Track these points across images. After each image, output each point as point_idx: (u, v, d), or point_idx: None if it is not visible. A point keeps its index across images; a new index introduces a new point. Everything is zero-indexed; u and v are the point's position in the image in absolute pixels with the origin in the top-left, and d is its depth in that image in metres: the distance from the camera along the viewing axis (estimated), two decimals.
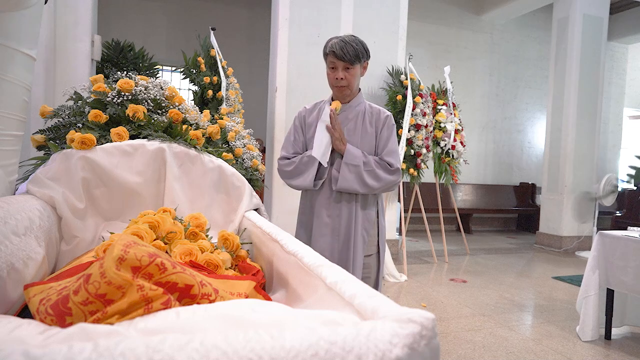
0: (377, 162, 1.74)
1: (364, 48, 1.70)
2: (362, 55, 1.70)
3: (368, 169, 1.71)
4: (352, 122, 1.78)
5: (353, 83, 1.73)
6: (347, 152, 1.71)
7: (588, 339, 2.67)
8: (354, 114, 1.78)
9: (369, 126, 1.78)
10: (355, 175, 1.69)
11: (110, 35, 3.71)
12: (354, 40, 1.69)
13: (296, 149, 1.83)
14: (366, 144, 1.77)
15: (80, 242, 1.48)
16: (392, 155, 1.76)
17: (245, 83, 5.39)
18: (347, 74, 1.70)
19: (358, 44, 1.68)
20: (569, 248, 5.89)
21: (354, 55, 1.66)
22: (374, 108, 1.81)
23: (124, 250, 0.74)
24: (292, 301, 1.01)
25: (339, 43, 1.67)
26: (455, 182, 4.97)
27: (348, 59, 1.66)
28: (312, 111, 1.85)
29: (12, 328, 0.63)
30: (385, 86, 4.39)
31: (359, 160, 1.70)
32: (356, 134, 1.77)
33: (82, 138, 1.54)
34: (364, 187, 1.70)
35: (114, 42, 3.38)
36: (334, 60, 1.69)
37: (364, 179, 1.69)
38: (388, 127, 1.78)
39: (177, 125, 1.80)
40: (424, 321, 0.52)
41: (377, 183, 1.71)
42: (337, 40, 1.69)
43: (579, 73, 5.86)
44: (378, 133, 1.78)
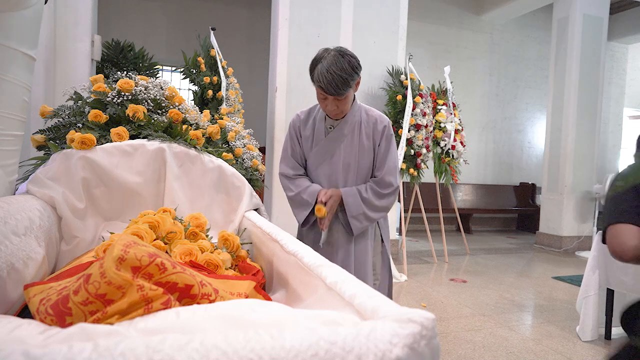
0: (375, 193, 1.70)
1: (353, 69, 1.53)
2: (353, 78, 1.54)
3: (371, 208, 1.69)
4: (348, 138, 1.70)
5: (347, 108, 1.64)
6: (347, 204, 1.67)
7: (588, 339, 2.67)
8: (350, 128, 1.69)
9: (366, 140, 1.70)
10: (364, 220, 1.69)
11: (110, 35, 3.71)
12: (342, 67, 1.50)
13: (295, 163, 1.79)
14: (364, 158, 1.71)
15: (80, 242, 1.48)
16: (391, 173, 1.71)
17: (245, 83, 5.39)
18: (339, 104, 1.59)
19: (346, 69, 1.51)
20: (569, 248, 5.89)
21: (344, 87, 1.52)
22: (371, 116, 1.72)
23: (124, 250, 0.74)
24: (292, 301, 1.01)
25: (327, 76, 1.50)
26: (455, 182, 4.97)
27: (337, 93, 1.53)
28: (306, 121, 1.77)
29: (12, 328, 0.63)
30: (385, 86, 4.39)
31: (361, 208, 1.68)
32: (353, 149, 1.70)
33: (82, 138, 1.54)
34: (374, 221, 1.74)
35: (114, 42, 3.38)
36: (322, 93, 1.57)
37: (370, 217, 1.70)
38: (386, 138, 1.71)
39: (177, 125, 1.80)
40: (424, 321, 0.52)
41: (383, 213, 1.74)
42: (323, 69, 1.51)
43: (579, 73, 5.85)
44: (376, 146, 1.72)
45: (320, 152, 1.73)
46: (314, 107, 1.79)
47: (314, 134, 1.74)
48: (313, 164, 1.77)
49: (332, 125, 1.72)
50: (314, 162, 1.76)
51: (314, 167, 1.77)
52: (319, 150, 1.73)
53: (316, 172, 1.76)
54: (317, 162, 1.75)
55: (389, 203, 1.72)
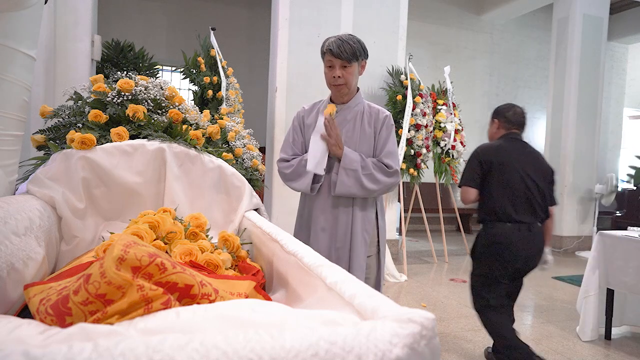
0: (375, 164, 1.72)
1: (361, 47, 1.69)
2: (360, 53, 1.68)
3: (366, 173, 1.69)
4: (350, 123, 1.75)
5: (351, 82, 1.71)
6: (345, 156, 1.69)
7: (588, 339, 2.67)
8: (352, 114, 1.76)
9: (368, 127, 1.75)
10: (354, 180, 1.68)
11: (110, 35, 3.71)
12: (351, 38, 1.67)
13: (295, 150, 1.82)
14: (365, 145, 1.75)
15: (80, 242, 1.48)
16: (390, 156, 1.74)
17: (245, 83, 5.39)
18: (345, 72, 1.68)
19: (355, 42, 1.67)
20: (569, 248, 5.89)
21: (351, 53, 1.65)
22: (373, 108, 1.79)
23: (124, 250, 0.74)
24: (292, 301, 1.01)
25: (336, 41, 1.65)
26: (455, 182, 4.97)
27: (345, 57, 1.65)
28: (310, 111, 1.83)
29: (12, 328, 0.63)
30: (385, 86, 4.39)
31: (356, 165, 1.68)
32: (354, 135, 1.75)
33: (82, 138, 1.54)
34: (362, 190, 1.69)
35: (114, 42, 3.38)
36: (331, 59, 1.68)
37: (362, 182, 1.68)
38: (387, 127, 1.76)
39: (177, 125, 1.80)
40: (424, 321, 0.52)
41: (376, 186, 1.70)
42: (334, 38, 1.68)
43: (579, 73, 5.85)
44: (377, 134, 1.76)
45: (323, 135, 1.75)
46: (319, 102, 1.85)
47: (317, 120, 1.77)
48: None
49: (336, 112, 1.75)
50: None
51: None
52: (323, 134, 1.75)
53: None
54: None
55: (386, 181, 1.71)
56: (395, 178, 1.73)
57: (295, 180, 1.77)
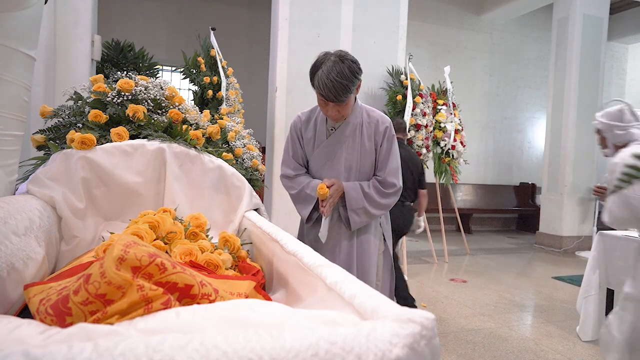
0: (377, 190, 1.70)
1: (353, 74, 1.52)
2: (353, 84, 1.54)
3: (372, 204, 1.69)
4: (349, 139, 1.70)
5: (348, 112, 1.64)
6: (348, 196, 1.67)
7: (588, 339, 2.67)
8: (351, 129, 1.70)
9: (367, 141, 1.70)
10: (364, 215, 1.69)
11: (110, 35, 3.70)
12: (342, 73, 1.49)
13: (296, 164, 1.79)
14: (366, 159, 1.72)
15: (80, 242, 1.48)
16: (393, 174, 1.71)
17: (245, 83, 5.39)
18: (340, 109, 1.59)
19: (347, 75, 1.50)
20: (569, 248, 5.89)
21: (344, 93, 1.52)
22: (372, 117, 1.72)
23: (124, 250, 0.74)
24: (292, 301, 1.01)
25: (327, 84, 1.50)
26: (455, 182, 4.97)
27: (338, 100, 1.54)
28: (307, 123, 1.77)
29: (12, 328, 0.63)
30: (385, 86, 4.39)
31: (362, 202, 1.67)
32: (355, 151, 1.71)
33: (82, 138, 1.54)
34: (373, 218, 1.73)
35: (114, 42, 3.38)
36: (323, 100, 1.57)
37: (371, 214, 1.69)
38: (388, 139, 1.72)
39: (177, 125, 1.80)
40: (424, 321, 0.52)
41: (383, 210, 1.73)
42: (323, 75, 1.50)
43: (579, 73, 5.85)
44: (378, 147, 1.72)
45: (322, 153, 1.73)
46: (315, 108, 1.78)
47: (315, 136, 1.74)
48: (315, 166, 1.77)
49: (334, 126, 1.72)
50: (315, 164, 1.76)
51: (315, 169, 1.77)
52: (321, 151, 1.73)
53: (319, 174, 1.76)
54: (319, 164, 1.75)
55: (391, 202, 1.72)
56: (397, 195, 1.73)
57: (297, 205, 1.79)
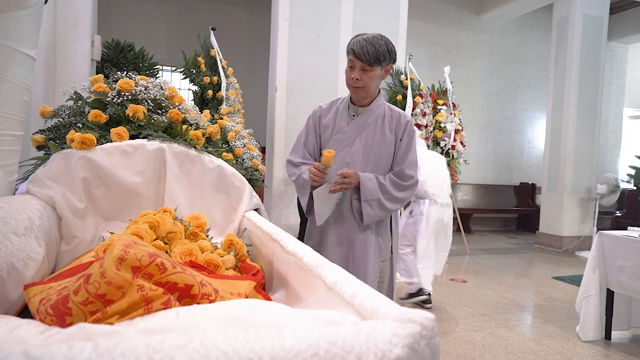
0: (392, 183, 1.68)
1: (388, 50, 1.59)
2: (384, 57, 1.58)
3: (388, 197, 1.66)
4: (371, 127, 1.70)
5: (370, 86, 1.63)
6: (363, 187, 1.63)
7: (588, 339, 2.67)
8: (373, 118, 1.70)
9: (389, 132, 1.70)
10: (378, 208, 1.65)
11: (110, 35, 3.70)
12: (377, 41, 1.57)
13: (305, 152, 1.77)
14: (385, 150, 1.70)
15: (80, 242, 1.48)
16: (412, 166, 1.70)
17: (245, 83, 5.39)
18: (364, 76, 1.60)
19: (382, 45, 1.57)
20: (569, 248, 5.89)
21: (374, 56, 1.56)
22: (394, 112, 1.73)
23: (124, 250, 0.74)
24: (292, 301, 1.01)
25: (361, 42, 1.56)
26: (455, 182, 4.97)
27: (366, 60, 1.56)
28: (328, 111, 1.77)
29: (12, 328, 0.63)
30: (385, 86, 4.39)
31: (377, 193, 1.64)
32: (375, 141, 1.70)
33: (82, 138, 1.54)
34: (387, 213, 1.69)
35: (114, 42, 3.37)
36: (352, 59, 1.60)
37: (386, 207, 1.66)
38: (408, 134, 1.71)
39: (177, 125, 1.80)
40: (424, 321, 0.52)
41: (399, 205, 1.70)
42: (360, 38, 1.58)
43: (579, 73, 5.85)
44: (398, 140, 1.71)
45: (341, 138, 1.70)
46: (337, 100, 1.80)
47: (335, 121, 1.73)
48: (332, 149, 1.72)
49: (356, 112, 1.71)
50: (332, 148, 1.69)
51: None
52: (340, 137, 1.71)
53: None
54: (336, 148, 1.69)
55: (407, 195, 1.70)
56: (414, 189, 1.71)
57: (298, 192, 1.77)
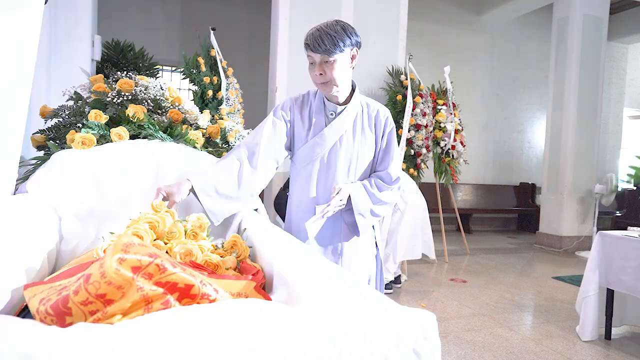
0: (379, 187, 1.62)
1: (346, 34, 1.42)
2: (344, 43, 1.42)
3: (378, 204, 1.61)
4: (349, 131, 1.61)
5: (335, 78, 1.47)
6: (354, 201, 1.56)
7: (588, 339, 2.67)
8: (351, 118, 1.60)
9: (369, 131, 1.63)
10: (370, 217, 1.61)
11: (110, 35, 3.70)
12: (332, 27, 1.41)
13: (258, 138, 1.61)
14: (366, 151, 1.64)
15: (80, 242, 1.48)
16: (394, 166, 1.66)
17: (245, 83, 5.38)
18: (326, 68, 1.44)
19: (338, 31, 1.41)
20: (569, 248, 5.89)
21: (331, 44, 1.40)
22: (371, 107, 1.64)
23: (124, 250, 0.74)
24: (292, 301, 1.01)
25: (314, 33, 1.42)
26: (455, 182, 4.97)
27: (323, 50, 1.40)
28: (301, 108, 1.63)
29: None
30: (385, 86, 4.40)
31: (368, 205, 1.59)
32: (355, 142, 1.62)
33: (82, 138, 1.54)
34: (378, 217, 1.66)
35: (114, 42, 3.37)
36: (310, 54, 1.46)
37: (376, 213, 1.62)
38: (389, 131, 1.66)
39: (177, 125, 1.80)
40: (424, 321, 0.52)
41: (389, 207, 1.67)
42: (313, 30, 1.44)
43: (579, 73, 5.85)
44: (379, 139, 1.65)
45: (319, 142, 1.59)
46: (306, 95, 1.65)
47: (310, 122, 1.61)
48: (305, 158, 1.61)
49: (335, 111, 1.59)
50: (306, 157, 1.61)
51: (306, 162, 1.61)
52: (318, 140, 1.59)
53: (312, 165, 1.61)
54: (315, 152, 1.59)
55: (393, 196, 1.67)
56: (397, 189, 1.68)
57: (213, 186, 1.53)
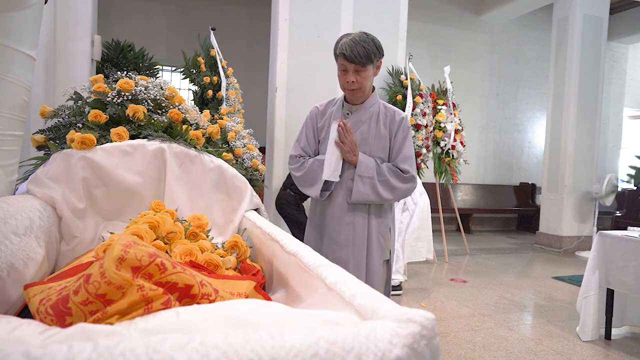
0: (390, 170, 1.67)
1: (376, 47, 1.62)
2: (375, 54, 1.62)
3: (382, 179, 1.65)
4: (365, 125, 1.70)
5: (365, 85, 1.65)
6: (360, 163, 1.64)
7: (588, 339, 2.67)
8: (368, 115, 1.70)
9: (383, 128, 1.70)
10: (370, 187, 1.64)
11: (110, 35, 3.70)
12: (364, 40, 1.59)
13: (305, 148, 1.78)
14: (380, 147, 1.70)
15: (80, 242, 1.48)
16: (407, 161, 1.69)
17: (245, 83, 5.39)
18: (359, 77, 1.62)
19: (369, 42, 1.59)
20: (569, 248, 5.89)
21: (365, 56, 1.58)
22: (389, 109, 1.74)
23: (124, 250, 0.74)
24: (292, 301, 1.01)
25: (349, 44, 1.58)
26: (455, 182, 4.97)
27: (359, 62, 1.58)
28: (323, 113, 1.78)
29: (12, 328, 0.63)
30: (385, 86, 4.39)
31: (372, 172, 1.64)
32: (370, 137, 1.69)
33: (82, 138, 1.54)
34: (378, 198, 1.66)
35: (114, 42, 3.37)
36: (344, 63, 1.61)
37: (378, 190, 1.64)
38: (403, 129, 1.71)
39: (177, 125, 1.80)
40: (424, 321, 0.52)
41: (392, 194, 1.67)
42: (347, 40, 1.59)
43: (579, 73, 5.85)
44: (393, 136, 1.71)
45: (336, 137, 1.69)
46: (332, 101, 1.81)
47: (330, 121, 1.72)
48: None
49: (350, 110, 1.72)
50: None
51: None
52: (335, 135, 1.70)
53: None
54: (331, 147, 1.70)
55: (402, 187, 1.67)
56: (411, 183, 1.69)
57: (306, 185, 1.75)
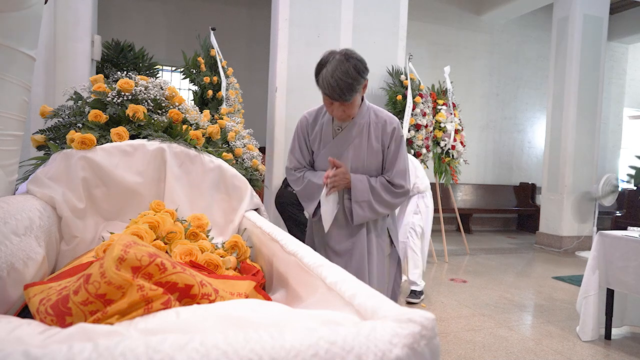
0: (383, 187, 1.67)
1: (358, 73, 1.49)
2: (359, 83, 1.51)
3: (378, 199, 1.66)
4: (356, 139, 1.67)
5: (353, 112, 1.61)
6: (354, 189, 1.64)
7: (588, 339, 2.67)
8: (358, 129, 1.67)
9: (375, 142, 1.68)
10: (368, 209, 1.66)
11: (110, 35, 3.70)
12: (346, 72, 1.46)
13: (297, 163, 1.79)
14: (373, 160, 1.69)
15: (80, 242, 1.48)
16: (401, 176, 1.68)
17: (245, 83, 5.39)
18: (345, 109, 1.57)
19: (351, 73, 1.47)
20: (569, 248, 5.88)
21: (349, 92, 1.49)
22: (380, 117, 1.69)
23: (124, 250, 0.74)
24: (292, 301, 1.01)
25: (331, 83, 1.47)
26: (455, 182, 4.97)
27: (343, 99, 1.51)
28: (314, 124, 1.75)
29: (12, 328, 0.63)
30: (385, 86, 4.39)
31: (367, 195, 1.64)
32: (362, 152, 1.68)
33: (82, 138, 1.54)
34: (377, 215, 1.70)
35: (114, 42, 3.37)
36: (328, 99, 1.56)
37: (376, 209, 1.67)
38: (395, 140, 1.69)
39: (177, 125, 1.80)
40: (424, 321, 0.52)
41: (388, 209, 1.70)
42: (328, 74, 1.48)
43: (579, 73, 5.85)
44: (385, 148, 1.69)
45: (328, 154, 1.69)
46: (321, 108, 1.76)
47: (321, 136, 1.72)
48: (320, 166, 1.75)
49: (340, 126, 1.69)
50: (321, 165, 1.74)
51: (321, 169, 1.75)
52: (327, 152, 1.70)
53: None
54: (324, 164, 1.71)
55: (397, 201, 1.69)
56: (405, 196, 1.71)
57: (303, 200, 1.78)
